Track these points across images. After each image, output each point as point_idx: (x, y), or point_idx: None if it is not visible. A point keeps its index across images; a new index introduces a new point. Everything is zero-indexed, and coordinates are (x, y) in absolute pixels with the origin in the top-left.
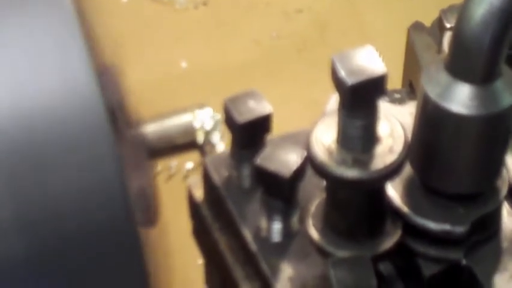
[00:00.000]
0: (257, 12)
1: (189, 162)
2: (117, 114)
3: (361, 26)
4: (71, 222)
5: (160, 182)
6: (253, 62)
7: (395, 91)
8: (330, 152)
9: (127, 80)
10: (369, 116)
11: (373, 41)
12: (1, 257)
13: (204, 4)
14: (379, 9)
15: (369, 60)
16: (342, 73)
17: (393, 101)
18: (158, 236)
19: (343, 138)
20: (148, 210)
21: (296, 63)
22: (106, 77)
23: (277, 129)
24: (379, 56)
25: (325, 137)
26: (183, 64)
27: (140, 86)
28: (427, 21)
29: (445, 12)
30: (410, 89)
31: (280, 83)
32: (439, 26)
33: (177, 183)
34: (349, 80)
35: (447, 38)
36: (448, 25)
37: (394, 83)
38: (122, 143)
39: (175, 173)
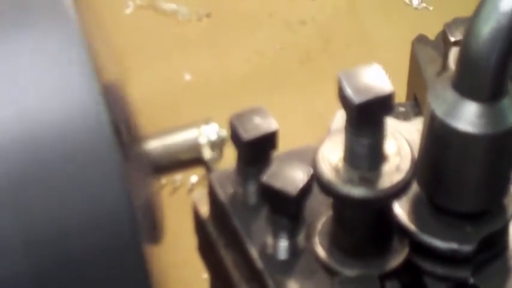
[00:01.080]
0: (260, 23)
1: (193, 175)
2: (122, 130)
3: (365, 37)
4: (76, 240)
5: (165, 195)
6: (257, 74)
7: (400, 104)
8: (336, 171)
9: (130, 92)
10: (376, 134)
11: (377, 53)
12: (7, 276)
13: (207, 16)
14: (383, 21)
15: (376, 79)
16: (349, 91)
17: (398, 114)
18: (163, 251)
19: (350, 157)
20: (153, 227)
21: (299, 74)
22: (111, 93)
23: (281, 141)
24: (384, 71)
25: (331, 155)
26: (187, 76)
27: (144, 97)
28: (431, 33)
29: (449, 26)
30: (415, 103)
31: (283, 94)
32: (443, 40)
33: (182, 197)
34: (356, 99)
35: (453, 54)
36: (452, 39)
37: (399, 96)
38: (128, 159)
39: (180, 186)
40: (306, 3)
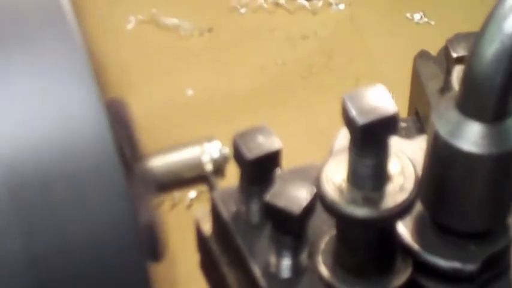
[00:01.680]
0: (262, 38)
1: (192, 191)
2: (124, 148)
3: (367, 52)
4: (79, 258)
5: (164, 211)
6: (259, 89)
7: (402, 120)
8: (340, 191)
9: (132, 108)
10: (380, 154)
11: (379, 67)
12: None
13: (209, 31)
14: (384, 35)
15: (380, 100)
16: (353, 112)
17: (399, 130)
18: (164, 268)
19: (354, 177)
20: (155, 245)
21: (301, 89)
22: (113, 110)
23: (284, 156)
24: (386, 86)
25: (335, 175)
26: (189, 91)
27: (146, 113)
28: (433, 48)
29: (451, 42)
30: (416, 118)
31: (286, 109)
32: (445, 56)
33: (181, 213)
34: (360, 120)
35: (456, 72)
36: (454, 55)
37: (400, 111)
38: (130, 177)
39: (179, 202)
40: (308, 19)
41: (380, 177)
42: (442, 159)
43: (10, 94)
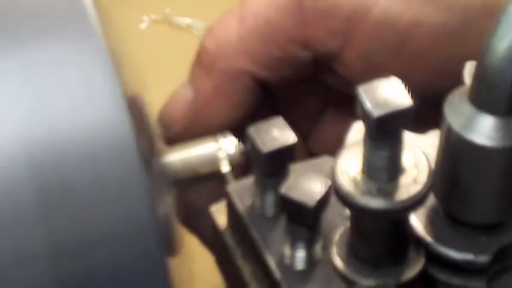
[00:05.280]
0: None
1: None
2: (142, 144)
3: None
4: (99, 251)
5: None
6: None
7: None
8: (355, 182)
9: (147, 107)
10: (395, 147)
11: None
12: (33, 280)
13: None
14: None
15: (395, 92)
16: (368, 105)
17: None
18: (181, 262)
19: (368, 169)
20: (172, 239)
21: None
22: (132, 107)
23: None
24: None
25: (350, 167)
26: None
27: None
28: None
29: None
30: None
31: None
32: None
33: None
34: (376, 112)
35: (468, 68)
36: None
37: None
38: (148, 172)
39: None
40: None
41: (394, 169)
42: (455, 152)
43: (32, 89)
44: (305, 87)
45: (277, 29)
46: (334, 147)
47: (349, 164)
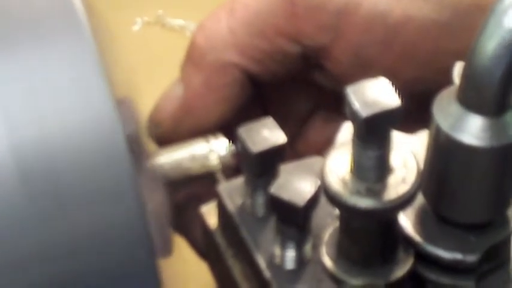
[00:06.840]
0: None
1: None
2: (133, 146)
3: None
4: (88, 251)
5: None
6: None
7: None
8: (344, 182)
9: (139, 109)
10: (383, 146)
11: None
12: (24, 282)
13: None
14: None
15: (383, 92)
16: (356, 105)
17: None
18: (172, 263)
19: (357, 169)
20: (164, 240)
21: None
22: (122, 109)
23: None
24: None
25: (339, 167)
26: None
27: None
28: None
29: None
30: None
31: None
32: None
33: None
34: (364, 112)
35: (457, 68)
36: None
37: None
38: (139, 173)
39: None
40: None
41: (383, 169)
42: (443, 152)
43: (24, 89)
44: (295, 87)
45: (267, 21)
46: (320, 149)
47: (338, 164)
